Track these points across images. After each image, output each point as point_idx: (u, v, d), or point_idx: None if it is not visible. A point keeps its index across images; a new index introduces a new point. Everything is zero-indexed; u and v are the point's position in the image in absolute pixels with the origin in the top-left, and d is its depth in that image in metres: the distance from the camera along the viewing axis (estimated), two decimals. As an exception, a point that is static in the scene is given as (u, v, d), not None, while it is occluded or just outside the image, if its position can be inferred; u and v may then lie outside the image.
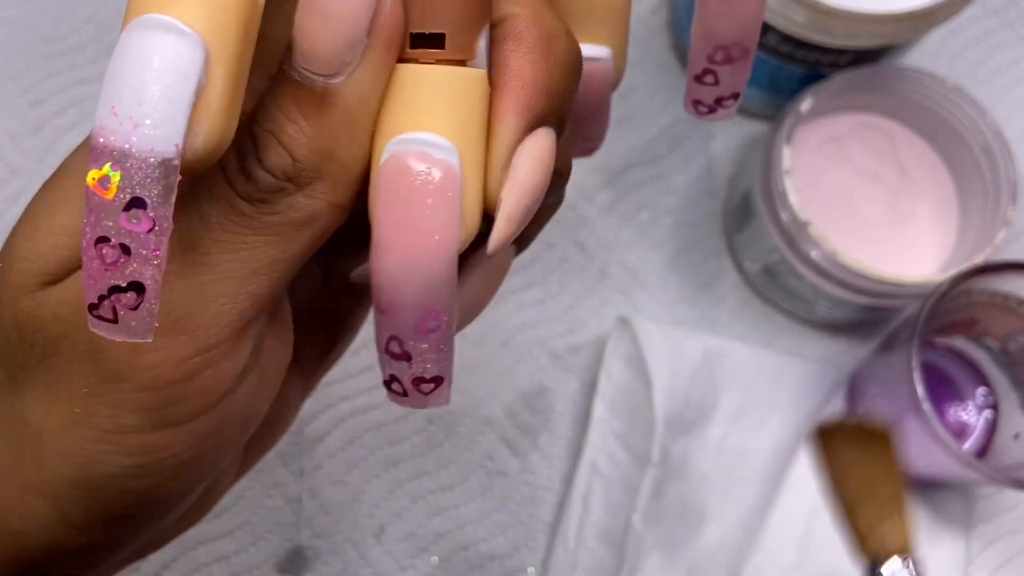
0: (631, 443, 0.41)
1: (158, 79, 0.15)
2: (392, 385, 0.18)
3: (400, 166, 0.17)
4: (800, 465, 0.41)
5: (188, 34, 0.15)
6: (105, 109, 0.15)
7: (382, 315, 0.17)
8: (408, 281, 0.17)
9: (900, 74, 0.40)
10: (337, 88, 0.17)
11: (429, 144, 0.17)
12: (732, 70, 0.21)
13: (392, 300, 0.17)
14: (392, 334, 0.17)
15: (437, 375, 0.18)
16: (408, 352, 0.18)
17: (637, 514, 0.39)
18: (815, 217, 0.39)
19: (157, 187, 0.15)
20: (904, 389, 0.35)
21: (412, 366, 0.18)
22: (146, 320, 0.16)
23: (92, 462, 0.18)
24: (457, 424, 0.42)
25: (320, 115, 0.17)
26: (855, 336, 0.44)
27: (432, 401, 0.18)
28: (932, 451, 0.36)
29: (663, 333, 0.41)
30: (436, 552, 0.41)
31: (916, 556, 0.31)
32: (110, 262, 0.15)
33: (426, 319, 0.17)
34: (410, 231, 0.17)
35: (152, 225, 0.15)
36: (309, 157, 0.17)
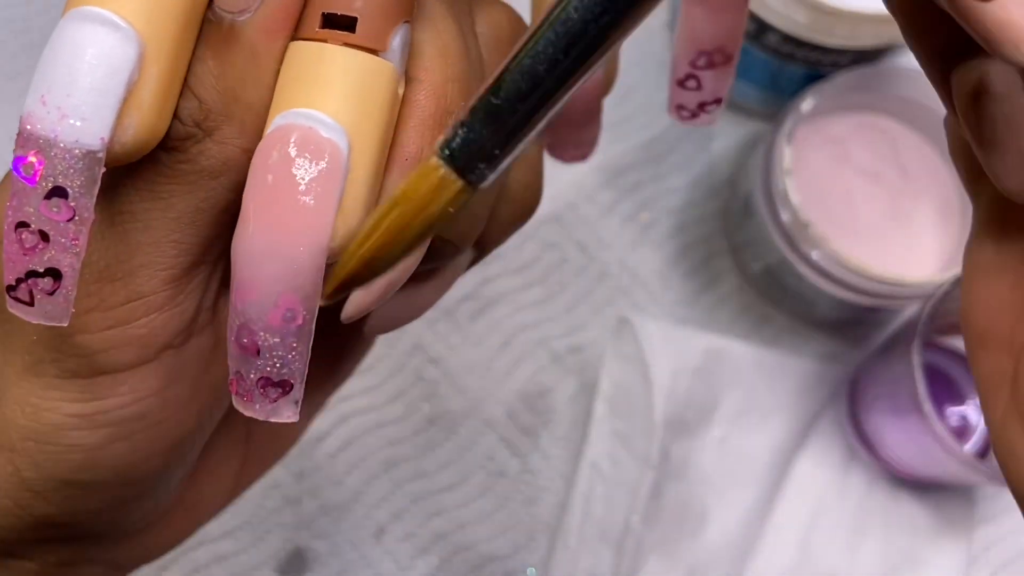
0: (632, 443, 0.41)
1: (89, 72, 0.15)
2: (237, 384, 0.17)
3: (281, 138, 0.16)
4: (801, 466, 0.41)
5: (123, 28, 0.15)
6: (35, 96, 0.15)
7: (235, 296, 0.16)
8: (268, 259, 0.16)
9: (901, 74, 0.40)
10: (243, 23, 0.17)
11: (317, 121, 0.16)
12: (715, 75, 0.21)
13: (248, 280, 0.16)
14: (243, 321, 0.16)
15: (286, 379, 0.17)
16: (257, 344, 0.17)
17: (637, 515, 0.39)
18: (816, 217, 0.38)
19: (80, 178, 0.15)
20: (905, 390, 0.35)
21: (259, 362, 0.17)
22: (62, 305, 0.16)
23: (40, 409, 0.18)
24: (457, 425, 0.42)
25: (225, 51, 0.17)
26: (856, 336, 0.44)
27: (278, 412, 0.17)
28: (933, 451, 0.35)
29: (664, 333, 0.41)
30: (436, 553, 0.41)
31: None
32: (28, 247, 0.16)
33: (281, 308, 0.16)
34: (280, 207, 0.16)
35: (72, 215, 0.15)
36: (214, 97, 0.17)
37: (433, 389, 0.42)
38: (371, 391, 0.42)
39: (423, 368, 0.43)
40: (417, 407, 0.42)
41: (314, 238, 0.16)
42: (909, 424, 0.36)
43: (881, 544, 0.40)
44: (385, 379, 0.42)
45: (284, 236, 0.16)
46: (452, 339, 0.43)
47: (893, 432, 0.39)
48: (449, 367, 0.42)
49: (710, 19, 0.19)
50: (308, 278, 0.16)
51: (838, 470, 0.41)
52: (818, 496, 0.40)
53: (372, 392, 0.42)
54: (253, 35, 0.17)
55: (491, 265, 0.44)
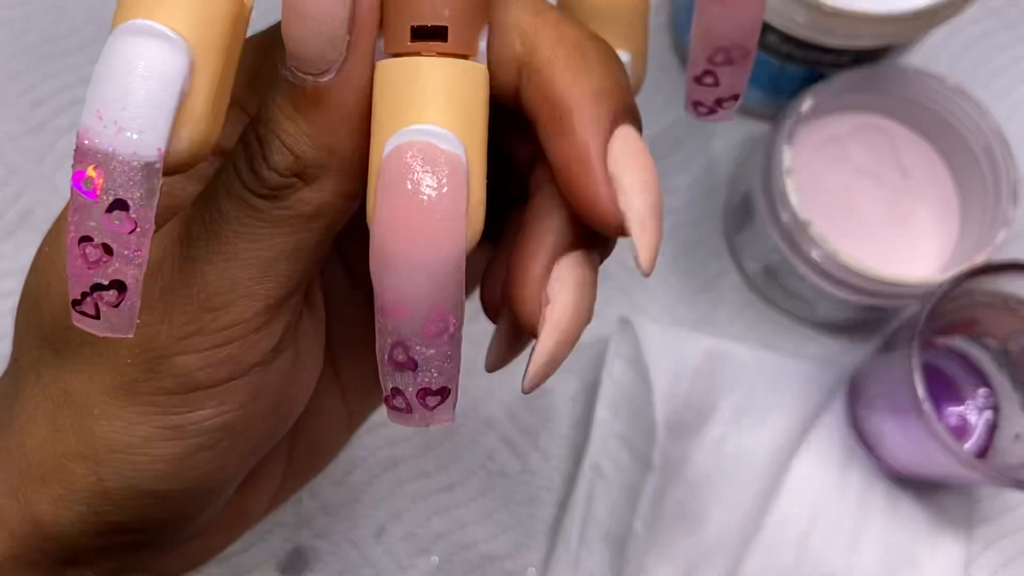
0: (633, 445, 0.41)
1: (142, 84, 0.15)
2: (394, 400, 0.18)
3: (404, 158, 0.17)
4: (800, 466, 0.41)
5: (173, 40, 0.16)
6: (90, 112, 0.16)
7: (385, 317, 0.17)
8: (415, 277, 0.16)
9: (901, 74, 0.40)
10: (327, 85, 0.17)
11: (435, 135, 0.17)
12: (732, 71, 0.21)
13: (397, 299, 0.17)
14: (396, 339, 0.17)
15: (444, 386, 0.18)
16: (414, 359, 0.17)
17: (638, 517, 0.39)
18: (816, 217, 0.38)
19: (140, 190, 0.15)
20: (905, 390, 0.35)
21: (418, 375, 0.17)
22: (127, 317, 0.16)
23: (131, 424, 0.19)
24: (457, 424, 0.42)
25: (315, 113, 0.17)
26: (855, 336, 0.44)
27: (437, 417, 0.18)
28: (933, 452, 0.36)
29: (665, 334, 0.41)
30: (436, 552, 0.41)
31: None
32: (93, 261, 0.16)
33: (433, 321, 0.17)
34: (418, 225, 0.16)
35: (134, 226, 0.16)
36: (310, 153, 0.17)
37: (433, 389, 0.42)
38: (371, 391, 0.42)
39: (423, 368, 0.43)
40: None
41: (454, 248, 0.17)
42: (908, 424, 0.36)
43: (880, 544, 0.40)
44: (385, 379, 0.42)
45: (427, 252, 0.16)
46: (452, 339, 0.43)
47: (892, 432, 0.39)
48: (449, 367, 0.42)
49: (727, 15, 0.19)
50: (454, 287, 0.17)
51: (837, 470, 0.41)
52: (817, 496, 0.40)
53: (372, 392, 0.42)
54: (341, 95, 0.17)
55: (491, 265, 0.44)
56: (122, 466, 0.19)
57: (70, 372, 0.20)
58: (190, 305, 0.18)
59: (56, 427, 0.20)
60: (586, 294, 0.19)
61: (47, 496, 0.20)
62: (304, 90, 0.17)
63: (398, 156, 0.17)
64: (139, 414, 0.19)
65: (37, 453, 0.20)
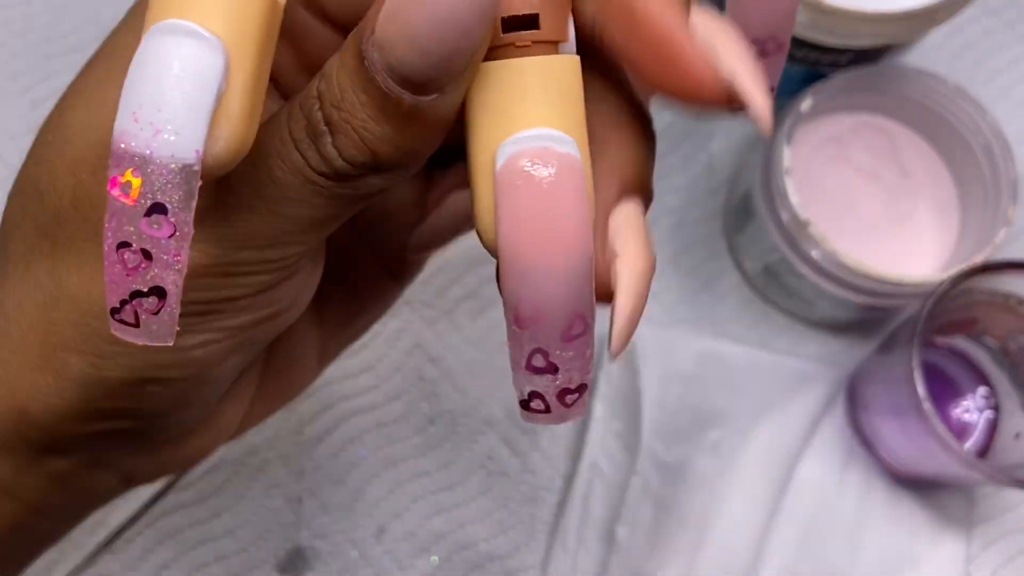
0: (632, 444, 0.41)
1: (178, 85, 0.15)
2: (531, 404, 0.17)
3: (522, 166, 0.16)
4: (800, 465, 0.41)
5: (209, 39, 0.15)
6: (126, 115, 0.15)
7: (524, 328, 0.17)
8: (553, 286, 0.16)
9: (900, 74, 0.40)
10: (429, 104, 0.16)
11: (551, 139, 0.16)
12: (767, 64, 0.20)
13: (537, 309, 0.16)
14: (536, 347, 0.17)
15: (582, 383, 0.17)
16: (554, 363, 0.17)
17: (637, 516, 0.39)
18: (815, 217, 0.38)
19: (178, 192, 0.15)
20: (905, 389, 0.35)
21: (558, 378, 0.17)
22: (167, 324, 0.16)
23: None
24: (457, 424, 0.42)
25: (405, 124, 0.16)
26: (855, 336, 0.44)
27: (573, 413, 0.17)
28: (933, 451, 0.35)
29: (664, 334, 0.41)
30: (436, 552, 0.41)
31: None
32: (131, 267, 0.16)
33: (573, 325, 0.17)
34: (548, 233, 0.16)
35: (173, 231, 0.15)
36: (394, 156, 0.17)
37: (433, 389, 0.42)
38: (371, 391, 0.42)
39: (423, 368, 0.43)
40: (417, 407, 0.42)
41: (584, 249, 0.16)
42: (908, 423, 0.36)
43: (881, 543, 0.40)
44: (385, 379, 0.42)
45: (562, 258, 0.16)
46: (452, 339, 0.43)
47: (892, 431, 0.39)
48: (449, 367, 0.43)
49: (761, 6, 0.19)
50: (587, 289, 0.17)
51: (837, 469, 0.41)
52: (818, 495, 0.40)
53: (372, 392, 0.42)
54: (441, 115, 0.16)
55: (491, 265, 0.44)
56: (127, 359, 0.19)
57: (68, 266, 0.19)
58: (214, 238, 0.18)
59: (50, 320, 0.19)
60: (649, 241, 0.19)
61: (36, 384, 0.20)
62: (397, 104, 0.16)
63: (516, 165, 0.16)
64: None
65: (26, 343, 0.20)
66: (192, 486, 0.41)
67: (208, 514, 0.41)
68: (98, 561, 0.40)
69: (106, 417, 0.20)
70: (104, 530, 0.40)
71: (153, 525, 0.40)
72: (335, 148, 0.17)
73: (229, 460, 0.41)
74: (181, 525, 0.41)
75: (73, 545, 0.40)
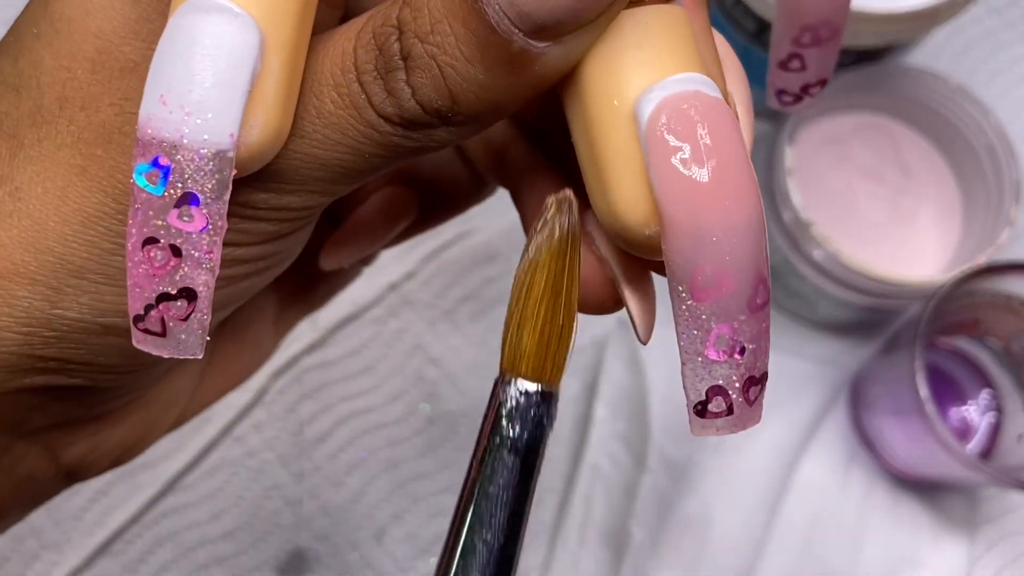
0: (633, 445, 0.41)
1: (211, 64, 0.14)
2: (711, 405, 0.15)
3: (682, 113, 0.14)
4: (803, 466, 0.41)
5: (241, 16, 0.14)
6: (152, 98, 0.14)
7: (702, 298, 0.14)
8: (737, 247, 0.14)
9: (903, 74, 0.40)
10: (539, 53, 0.14)
11: (701, 83, 0.14)
12: (820, 53, 0.19)
13: (721, 274, 0.14)
14: (719, 323, 0.14)
15: (764, 372, 0.15)
16: (739, 342, 0.14)
17: (637, 517, 0.39)
18: (818, 217, 0.38)
19: (211, 181, 0.14)
20: (907, 390, 0.35)
21: (743, 361, 0.15)
22: (197, 332, 0.14)
23: (106, 252, 0.16)
24: (458, 425, 0.42)
25: (507, 74, 0.14)
26: (857, 336, 0.44)
27: (754, 415, 0.15)
28: (935, 452, 0.35)
29: (665, 334, 0.41)
30: (436, 554, 0.41)
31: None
32: (159, 266, 0.14)
33: (758, 288, 0.14)
34: (724, 187, 0.14)
35: (206, 223, 0.14)
36: (474, 105, 0.15)
37: (433, 389, 0.42)
38: (371, 391, 0.42)
39: (423, 368, 0.42)
40: (417, 407, 0.42)
41: (759, 200, 0.15)
42: (911, 424, 0.36)
43: (883, 544, 0.40)
44: (385, 379, 0.42)
45: (741, 214, 0.14)
46: (452, 339, 0.43)
47: (895, 432, 0.39)
48: (449, 367, 0.42)
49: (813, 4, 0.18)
50: (765, 248, 0.15)
51: (840, 470, 0.41)
52: (820, 496, 0.40)
53: (372, 392, 0.42)
54: (554, 69, 0.14)
55: (491, 265, 0.44)
56: (92, 298, 0.16)
57: (32, 176, 0.16)
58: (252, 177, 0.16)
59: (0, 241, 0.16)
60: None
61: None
62: (506, 44, 0.14)
63: (671, 115, 0.14)
64: (115, 244, 0.16)
65: None
66: (192, 488, 0.41)
67: (208, 516, 0.41)
68: (98, 562, 0.40)
69: (45, 370, 0.17)
70: (104, 531, 0.40)
71: (152, 527, 0.40)
72: (409, 86, 0.15)
73: (229, 461, 0.41)
74: (180, 527, 0.40)
75: (73, 546, 0.40)
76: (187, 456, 0.41)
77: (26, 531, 0.40)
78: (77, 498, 0.40)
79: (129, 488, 0.41)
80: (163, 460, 0.41)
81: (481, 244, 0.44)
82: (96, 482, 0.41)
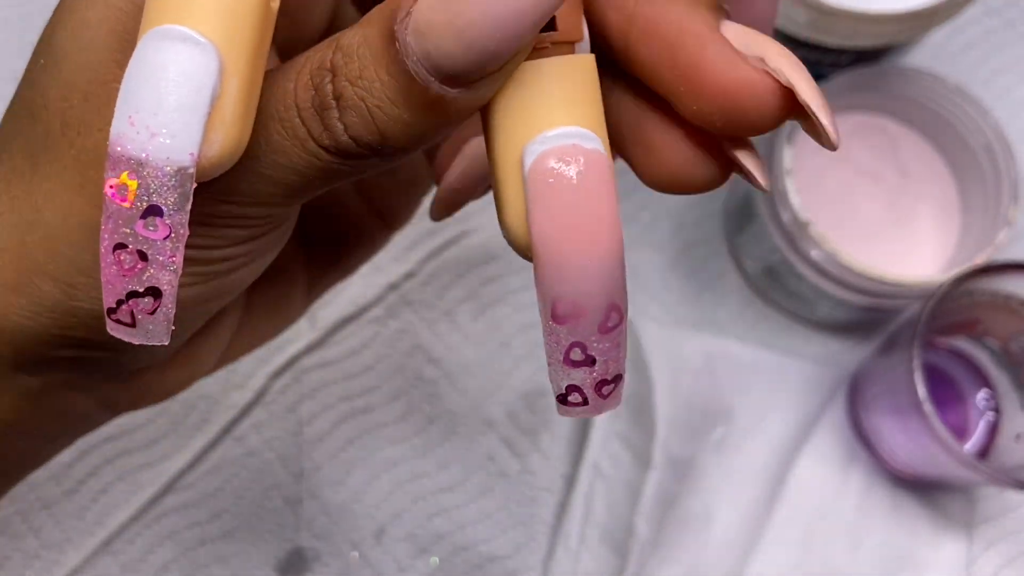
0: (634, 444, 0.41)
1: (174, 89, 0.15)
2: (570, 397, 0.17)
3: (552, 165, 0.16)
4: (802, 466, 0.41)
5: (203, 44, 0.16)
6: (122, 118, 0.16)
7: (560, 322, 0.17)
8: (591, 282, 0.16)
9: (901, 74, 0.40)
10: (453, 98, 0.16)
11: (577, 136, 0.16)
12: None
13: (576, 305, 0.16)
14: (574, 341, 0.17)
15: (618, 373, 0.17)
16: (592, 356, 0.17)
17: (640, 516, 0.39)
18: (816, 217, 0.38)
19: (173, 195, 0.16)
20: (905, 390, 0.35)
21: (595, 370, 0.17)
22: (163, 324, 0.16)
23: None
24: (458, 425, 0.42)
25: (426, 114, 0.16)
26: (856, 336, 0.44)
27: (609, 403, 0.18)
28: (933, 451, 0.35)
29: (665, 334, 0.41)
30: (436, 553, 0.41)
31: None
32: (128, 268, 0.16)
33: (609, 316, 0.17)
34: (582, 229, 0.16)
35: (169, 232, 0.16)
36: (401, 140, 0.17)
37: (433, 389, 0.42)
38: (371, 391, 0.42)
39: (423, 368, 0.43)
40: (417, 407, 0.42)
41: (616, 241, 0.16)
42: (909, 424, 0.36)
43: (882, 544, 0.40)
44: (385, 379, 0.42)
45: (597, 253, 0.16)
46: (452, 339, 0.43)
47: (893, 432, 0.39)
48: (449, 367, 0.42)
49: (738, 14, 0.19)
50: (621, 277, 0.17)
51: (838, 470, 0.41)
52: (819, 496, 0.40)
53: (372, 392, 0.42)
54: (459, 110, 0.16)
55: (491, 265, 0.44)
56: (98, 292, 0.19)
57: (46, 192, 0.19)
58: (197, 187, 0.18)
59: (24, 243, 0.19)
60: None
61: (10, 304, 0.20)
62: (423, 91, 0.16)
63: (545, 164, 0.16)
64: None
65: (2, 263, 0.20)
66: (192, 487, 0.41)
67: (208, 515, 0.41)
68: (98, 561, 0.40)
69: (77, 345, 0.20)
70: (104, 530, 0.40)
71: (153, 526, 0.40)
72: (342, 123, 0.17)
73: (229, 461, 0.41)
74: (180, 526, 0.41)
75: (73, 545, 0.40)
76: (187, 456, 0.41)
77: (26, 530, 0.40)
78: (77, 497, 0.41)
79: (129, 487, 0.41)
80: (163, 459, 0.41)
81: (481, 244, 0.44)
82: (96, 482, 0.41)
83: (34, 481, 0.40)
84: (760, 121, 0.17)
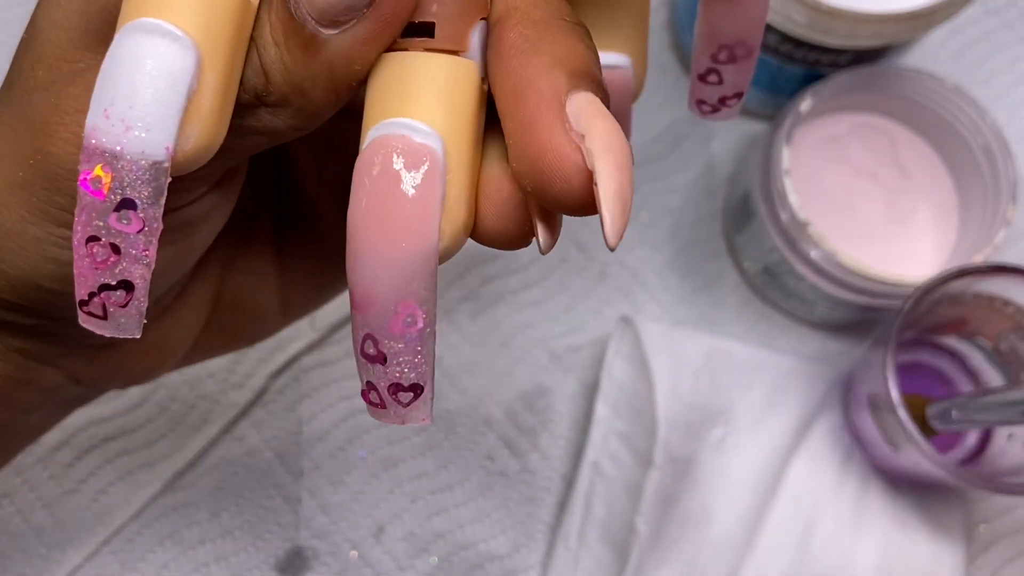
0: (634, 443, 0.41)
1: (150, 83, 0.15)
2: (369, 395, 0.18)
3: (379, 150, 0.16)
4: (799, 466, 0.41)
5: (181, 38, 0.16)
6: (97, 111, 0.15)
7: (355, 310, 0.17)
8: (382, 270, 0.16)
9: (900, 74, 0.40)
10: (324, 39, 0.17)
11: (410, 128, 0.16)
12: (736, 69, 0.20)
13: (365, 292, 0.16)
14: (367, 332, 0.17)
15: (415, 382, 0.17)
16: (383, 353, 0.17)
17: (640, 516, 0.39)
18: (814, 217, 0.39)
19: (147, 189, 0.16)
20: (882, 390, 0.35)
21: (388, 370, 0.17)
22: (135, 317, 0.16)
23: (25, 221, 0.19)
24: (457, 424, 0.42)
25: (302, 54, 0.17)
26: (854, 336, 0.44)
27: (411, 415, 0.17)
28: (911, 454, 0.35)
29: (666, 333, 0.41)
30: (436, 552, 0.41)
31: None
32: (100, 261, 0.16)
33: (400, 315, 0.16)
34: (386, 218, 0.16)
35: (142, 226, 0.16)
36: (281, 85, 0.17)
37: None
38: (371, 391, 0.42)
39: (422, 368, 0.43)
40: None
41: (423, 242, 0.16)
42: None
43: (879, 544, 0.40)
44: (385, 379, 0.42)
45: (394, 245, 0.16)
46: (452, 339, 0.43)
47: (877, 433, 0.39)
48: (449, 367, 0.43)
49: (730, 13, 0.19)
50: (423, 282, 0.16)
51: (836, 470, 0.41)
52: (816, 496, 0.41)
53: (372, 392, 0.42)
54: (333, 57, 0.17)
55: (491, 265, 0.44)
56: (14, 256, 0.19)
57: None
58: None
59: None
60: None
61: None
62: (301, 28, 0.17)
63: (374, 148, 0.16)
64: (33, 215, 0.18)
65: None
66: (191, 486, 0.41)
67: (207, 514, 0.41)
68: (98, 561, 0.40)
69: (19, 311, 0.20)
70: (104, 530, 0.40)
71: (152, 525, 0.41)
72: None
73: (228, 460, 0.41)
74: (180, 525, 0.41)
75: (73, 545, 0.40)
76: (187, 455, 0.41)
77: (26, 530, 0.40)
78: (78, 497, 0.41)
79: (129, 487, 0.41)
80: (163, 459, 0.41)
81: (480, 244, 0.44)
82: (96, 481, 0.41)
83: (34, 481, 0.40)
84: (564, 196, 0.16)
